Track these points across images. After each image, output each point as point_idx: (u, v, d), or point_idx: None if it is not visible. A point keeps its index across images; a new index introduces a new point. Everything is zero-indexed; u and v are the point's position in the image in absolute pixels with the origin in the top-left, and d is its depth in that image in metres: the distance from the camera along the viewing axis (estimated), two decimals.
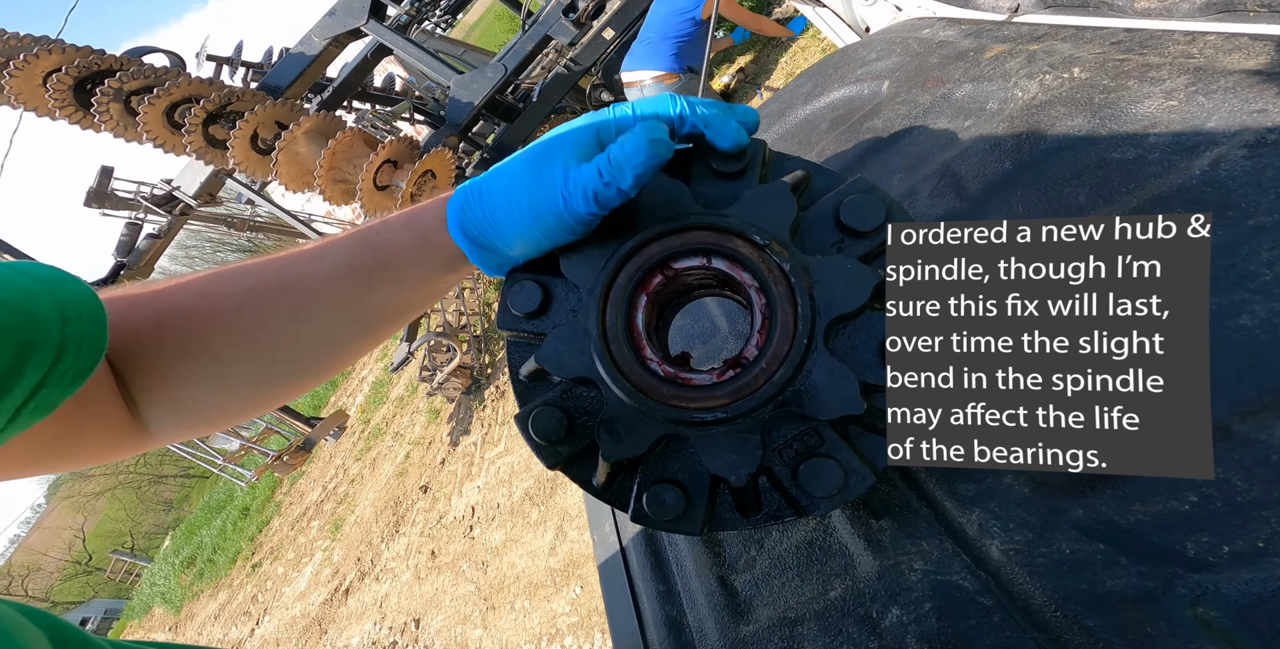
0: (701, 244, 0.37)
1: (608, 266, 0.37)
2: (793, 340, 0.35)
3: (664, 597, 0.45)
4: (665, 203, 0.38)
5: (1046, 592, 0.31)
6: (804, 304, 0.35)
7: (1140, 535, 0.32)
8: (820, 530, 0.39)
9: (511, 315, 0.39)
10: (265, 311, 0.40)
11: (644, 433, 0.35)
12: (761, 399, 0.34)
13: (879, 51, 0.68)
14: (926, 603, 0.32)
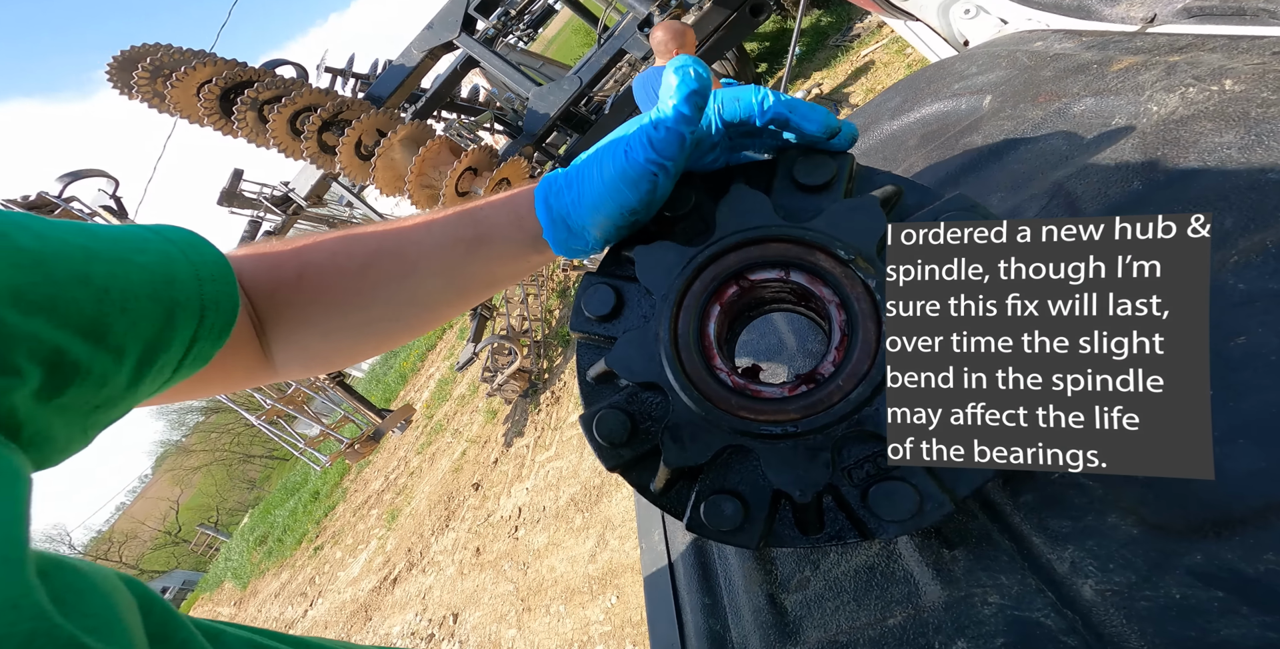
0: (782, 257, 0.36)
1: (683, 274, 0.36)
2: (874, 359, 0.33)
3: (709, 610, 0.43)
4: (744, 213, 0.37)
5: (1145, 636, 0.28)
6: (878, 327, 0.33)
7: (1270, 585, 0.29)
8: (883, 555, 0.37)
9: (584, 317, 0.39)
10: (382, 272, 0.44)
11: (708, 442, 0.34)
12: (836, 416, 0.32)
13: (980, 65, 0.64)
14: (999, 638, 0.29)
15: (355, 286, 0.44)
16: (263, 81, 2.69)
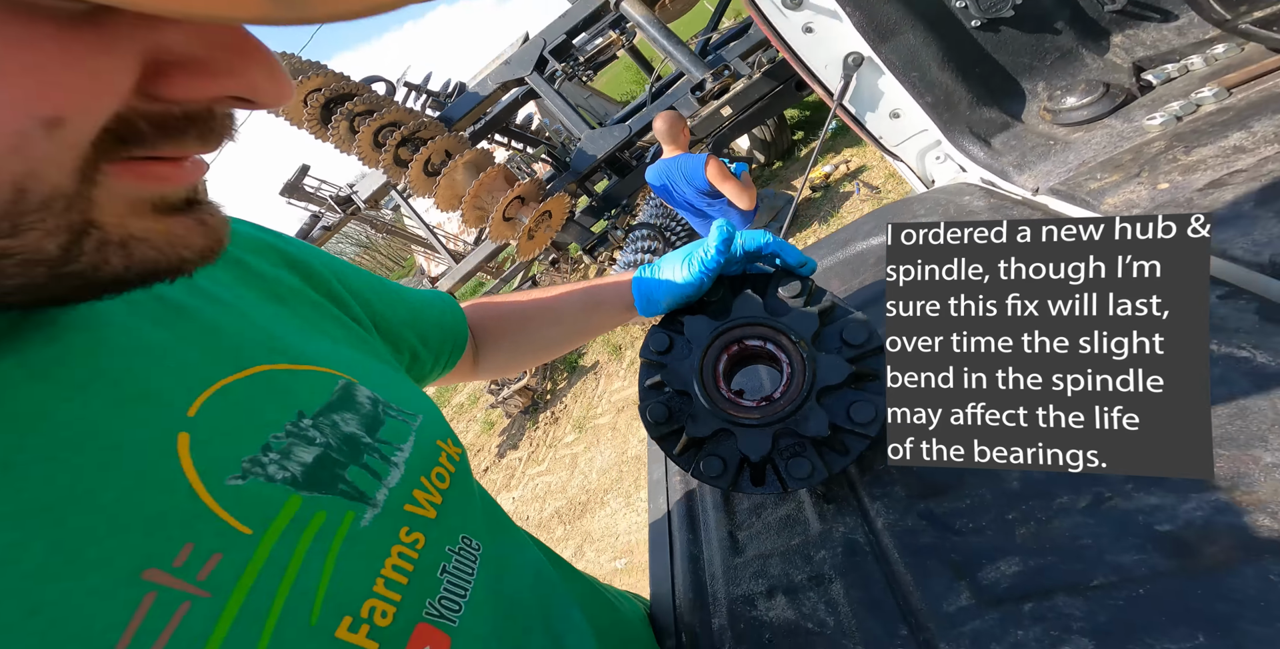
0: (762, 335, 0.65)
1: (710, 335, 0.64)
2: (801, 393, 0.61)
3: (690, 540, 0.71)
4: (747, 307, 0.65)
5: (894, 541, 0.54)
6: (809, 377, 0.61)
7: (946, 521, 0.51)
8: (794, 508, 0.64)
9: (649, 350, 0.67)
10: (542, 321, 0.74)
11: (710, 424, 0.61)
12: (776, 418, 0.59)
13: (927, 208, 0.91)
14: (839, 547, 0.56)
15: (526, 328, 0.74)
16: (361, 96, 3.05)
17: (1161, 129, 0.74)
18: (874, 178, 4.38)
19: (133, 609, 0.27)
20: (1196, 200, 0.62)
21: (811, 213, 4.54)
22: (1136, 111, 0.80)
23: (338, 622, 0.33)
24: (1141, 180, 0.69)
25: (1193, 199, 0.63)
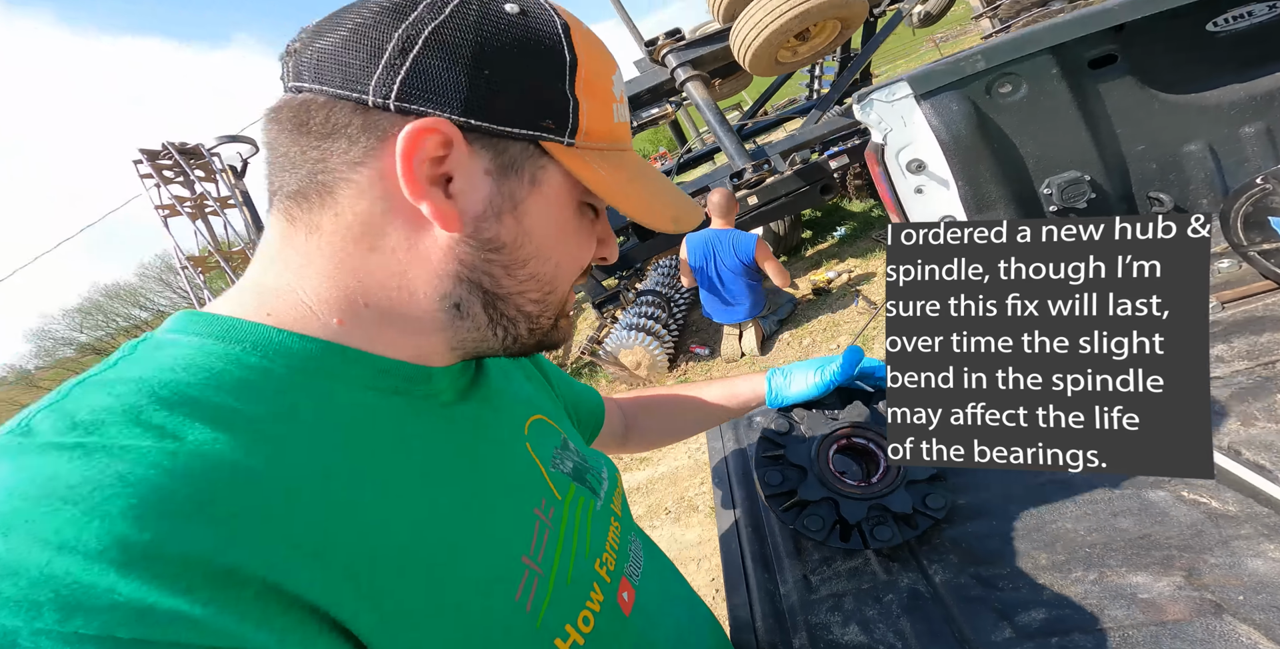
0: (869, 437, 0.88)
1: (830, 429, 0.87)
2: (895, 481, 0.83)
3: (767, 579, 0.90)
4: (854, 414, 0.89)
5: (951, 595, 0.75)
6: (902, 472, 0.83)
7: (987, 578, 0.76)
8: (861, 562, 0.85)
9: (773, 431, 0.90)
10: (688, 407, 0.95)
11: (819, 492, 0.83)
12: (873, 496, 0.81)
13: None
14: (904, 593, 0.77)
15: (674, 414, 0.96)
16: None
17: None
18: (874, 292, 4.68)
19: (532, 526, 0.49)
20: None
21: (810, 314, 4.86)
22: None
23: (598, 557, 0.54)
24: None
25: None
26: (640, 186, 0.49)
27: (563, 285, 0.50)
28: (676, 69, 4.70)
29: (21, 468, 0.30)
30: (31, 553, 0.27)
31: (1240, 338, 0.92)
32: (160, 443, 0.32)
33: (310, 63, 0.40)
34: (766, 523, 1.01)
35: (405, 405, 0.46)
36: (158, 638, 0.28)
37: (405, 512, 0.40)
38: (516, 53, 0.41)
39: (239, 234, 5.27)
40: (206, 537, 0.31)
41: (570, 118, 0.44)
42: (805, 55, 4.69)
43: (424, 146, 0.40)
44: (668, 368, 4.87)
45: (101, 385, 0.36)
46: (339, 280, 0.43)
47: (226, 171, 5.10)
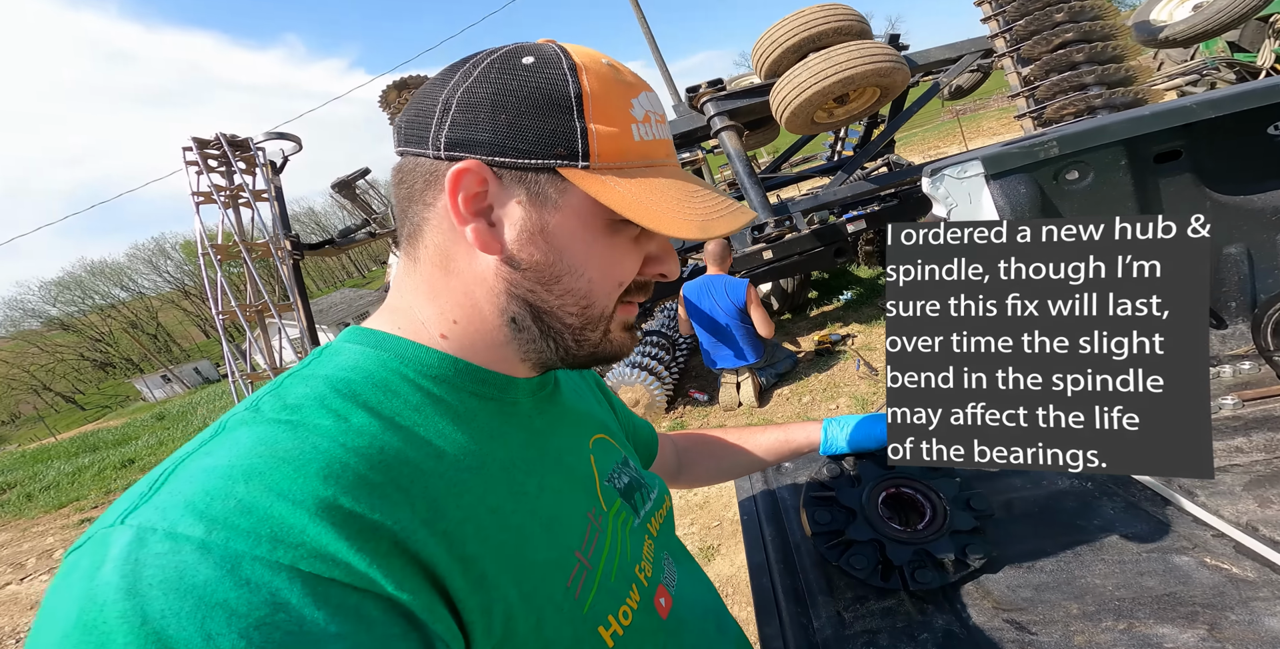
0: (918, 488, 0.95)
1: (880, 477, 0.95)
2: (940, 530, 0.91)
3: (799, 612, 0.96)
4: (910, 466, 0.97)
5: (984, 636, 0.82)
6: (947, 521, 0.90)
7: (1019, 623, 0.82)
8: (895, 602, 0.91)
9: (821, 477, 0.97)
10: (743, 449, 1.02)
11: (867, 534, 0.90)
12: (919, 541, 0.88)
13: None
14: (939, 633, 0.82)
15: (729, 455, 1.03)
16: None
17: None
18: (875, 359, 4.81)
19: (584, 527, 0.56)
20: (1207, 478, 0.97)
21: (811, 372, 4.95)
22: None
23: (637, 563, 0.61)
24: None
25: None
26: (664, 197, 0.52)
27: (601, 299, 0.56)
28: (714, 117, 4.90)
29: (256, 435, 0.42)
30: (262, 496, 0.38)
31: (1259, 433, 1.02)
32: (336, 423, 0.45)
33: (401, 131, 0.54)
34: (798, 560, 1.07)
35: (496, 409, 0.56)
36: (323, 573, 0.37)
37: (491, 495, 0.49)
38: (526, 98, 0.50)
39: (264, 227, 5.42)
40: (363, 497, 0.41)
41: (581, 144, 0.51)
42: (840, 117, 4.91)
43: (465, 184, 0.50)
44: (665, 409, 4.93)
45: (303, 379, 0.50)
46: (434, 301, 0.55)
47: (266, 166, 5.29)
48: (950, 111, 31.76)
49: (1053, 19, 4.14)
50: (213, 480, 0.38)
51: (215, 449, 0.42)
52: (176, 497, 0.38)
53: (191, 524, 0.36)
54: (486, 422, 0.54)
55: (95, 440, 16.10)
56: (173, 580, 0.34)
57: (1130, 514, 0.91)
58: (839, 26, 4.50)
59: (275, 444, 0.42)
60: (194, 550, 0.35)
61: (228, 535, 0.36)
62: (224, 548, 0.35)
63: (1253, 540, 0.82)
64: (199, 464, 0.40)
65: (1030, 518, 0.98)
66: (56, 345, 34.00)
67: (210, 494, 0.37)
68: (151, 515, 0.37)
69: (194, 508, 0.37)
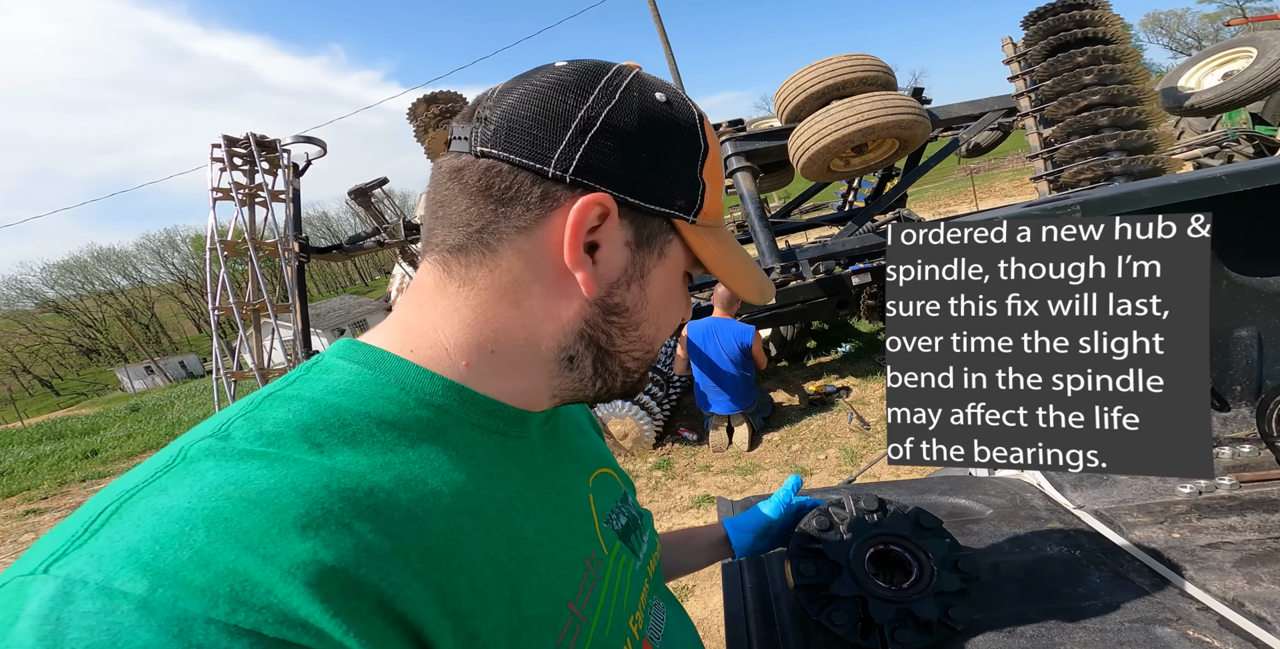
0: (907, 547, 0.94)
1: (869, 534, 0.94)
2: (926, 590, 0.89)
3: None
4: (900, 525, 0.96)
5: None
6: (934, 582, 0.89)
7: None
8: None
9: (813, 526, 0.97)
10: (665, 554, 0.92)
11: (851, 589, 0.89)
12: (903, 600, 0.87)
13: (996, 491, 1.27)
14: None
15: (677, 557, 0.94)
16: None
17: (1188, 497, 1.11)
18: (868, 414, 4.80)
19: (581, 573, 0.52)
20: (1199, 553, 0.96)
21: (804, 422, 4.93)
22: (1170, 477, 1.18)
23: (631, 614, 0.58)
24: (1163, 527, 1.04)
25: (1195, 551, 0.97)
26: (737, 259, 0.56)
27: (659, 344, 0.56)
28: (731, 157, 4.97)
29: (224, 471, 0.36)
30: (226, 548, 0.32)
31: (1254, 514, 1.02)
32: (320, 459, 0.39)
33: (501, 132, 0.46)
34: (777, 612, 1.05)
35: (498, 443, 0.50)
36: (291, 639, 0.32)
37: (489, 541, 0.44)
38: (667, 139, 0.48)
39: (276, 227, 5.51)
40: (348, 551, 0.35)
41: (699, 199, 0.51)
42: (856, 167, 4.99)
43: (589, 217, 0.46)
44: (653, 445, 4.89)
45: (284, 401, 0.43)
46: (478, 329, 0.49)
47: (289, 168, 5.42)
48: (964, 169, 32.29)
49: (1080, 80, 4.20)
50: (165, 525, 0.33)
51: (171, 485, 0.35)
52: (117, 543, 0.32)
53: (133, 578, 0.30)
54: (486, 458, 0.49)
55: (62, 428, 15.82)
56: (102, 645, 0.29)
57: (1116, 584, 0.90)
58: (864, 76, 4.60)
59: (247, 484, 0.36)
60: (133, 610, 0.30)
61: (177, 593, 0.30)
62: (171, 608, 0.30)
63: (1237, 615, 0.81)
64: (150, 503, 0.34)
65: (1016, 582, 0.97)
66: (46, 328, 33.84)
67: (160, 542, 0.32)
68: (83, 565, 0.31)
69: (137, 558, 0.31)
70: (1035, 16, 4.45)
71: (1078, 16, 4.25)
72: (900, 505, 1.00)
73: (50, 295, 35.17)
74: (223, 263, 5.40)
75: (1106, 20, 4.23)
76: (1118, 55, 4.19)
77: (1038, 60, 4.43)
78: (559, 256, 0.47)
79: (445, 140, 0.52)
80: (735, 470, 4.36)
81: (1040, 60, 4.40)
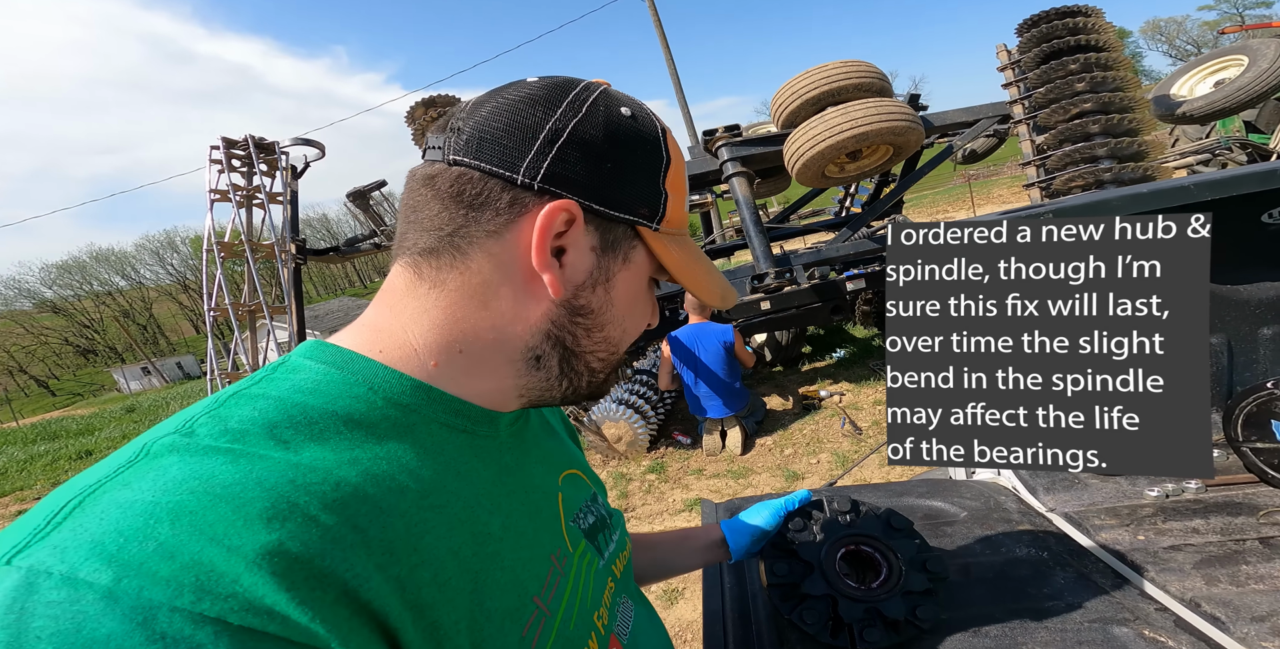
0: (877, 547, 0.96)
1: (842, 534, 0.96)
2: (894, 589, 0.91)
3: None
4: (870, 526, 0.98)
5: None
6: (901, 581, 0.91)
7: None
8: None
9: (790, 529, 0.99)
10: (640, 545, 0.93)
11: (822, 588, 0.91)
12: (872, 599, 0.89)
13: (971, 494, 1.30)
14: None
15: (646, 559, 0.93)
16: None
17: (1154, 500, 1.14)
18: (861, 419, 4.82)
19: (547, 569, 0.54)
20: (1161, 554, 0.99)
21: (796, 426, 4.95)
22: (1141, 480, 1.21)
23: (595, 610, 0.60)
24: (1129, 529, 1.07)
25: (1158, 552, 1.00)
26: (700, 266, 0.59)
27: (624, 347, 0.59)
28: (727, 162, 5.00)
29: (188, 466, 0.37)
30: (191, 540, 0.33)
31: (1217, 517, 1.04)
32: (286, 454, 0.40)
33: (473, 142, 0.49)
34: (754, 612, 1.08)
35: (467, 442, 0.52)
36: (257, 627, 0.32)
37: (453, 536, 0.46)
38: (631, 150, 0.51)
39: (274, 229, 5.54)
40: (313, 542, 0.36)
41: (661, 207, 0.54)
42: (851, 173, 5.01)
43: (555, 223, 0.49)
44: (647, 448, 4.91)
45: (249, 399, 0.44)
46: (447, 330, 0.51)
47: (287, 170, 5.46)
48: (962, 175, 32.34)
49: (1073, 88, 4.24)
50: (129, 518, 0.33)
51: (135, 479, 0.36)
52: (81, 535, 0.33)
53: (97, 569, 0.31)
54: (454, 455, 0.50)
55: (57, 428, 15.83)
56: (67, 634, 0.29)
57: (1080, 585, 0.93)
58: (859, 83, 4.63)
59: (211, 478, 0.36)
60: (98, 600, 0.30)
61: (141, 583, 0.31)
62: (135, 597, 0.30)
63: (1194, 615, 0.84)
64: (113, 497, 0.35)
65: (985, 583, 0.99)
66: (44, 328, 33.82)
67: (124, 535, 0.32)
68: (46, 556, 0.31)
69: (101, 550, 0.32)
70: (1029, 24, 4.49)
71: (1070, 24, 4.29)
72: (874, 507, 1.02)
73: (48, 295, 35.17)
74: (219, 264, 5.44)
75: (1099, 28, 4.26)
76: (1110, 63, 4.23)
77: (1031, 67, 4.46)
78: (527, 259, 0.49)
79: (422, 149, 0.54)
80: (728, 474, 4.38)
81: (1034, 67, 4.44)
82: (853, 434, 4.59)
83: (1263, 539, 0.97)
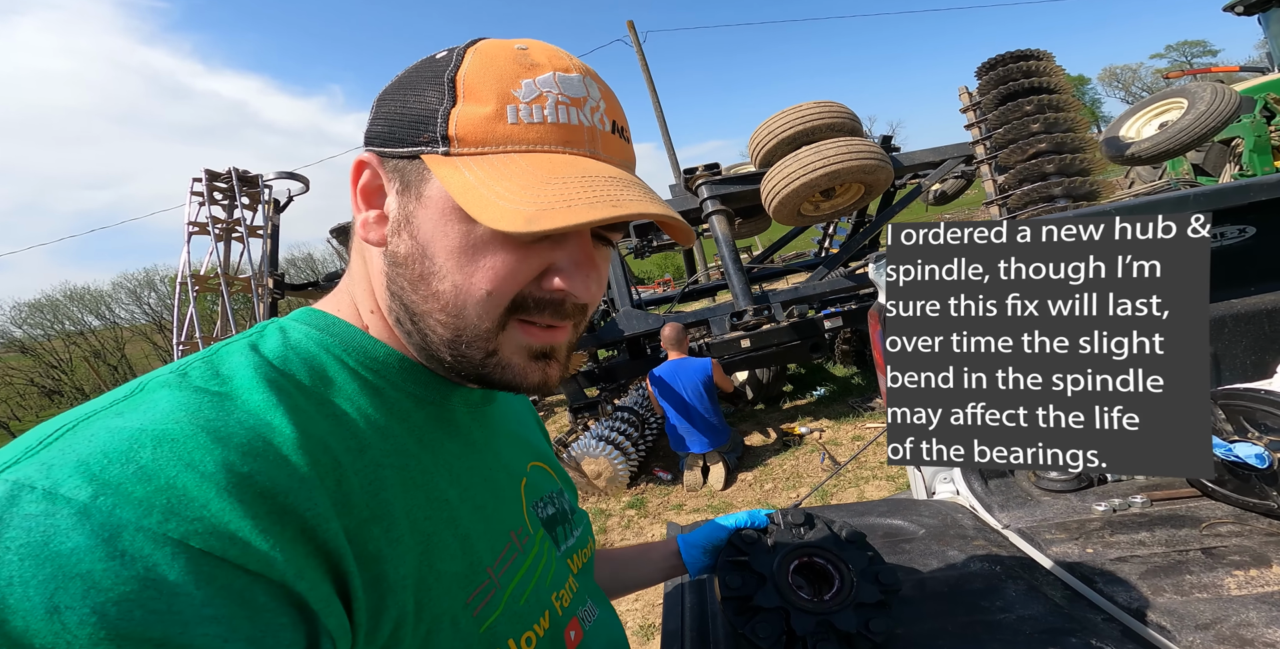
0: (829, 559, 0.97)
1: (794, 546, 0.98)
2: (845, 601, 0.92)
3: None
4: (823, 536, 1.00)
5: None
6: (853, 593, 0.92)
7: None
8: None
9: (740, 539, 1.00)
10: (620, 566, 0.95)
11: (774, 601, 0.92)
12: (824, 612, 0.89)
13: (930, 512, 1.32)
14: None
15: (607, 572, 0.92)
16: None
17: (1102, 514, 1.17)
18: (840, 454, 4.82)
19: (504, 544, 0.56)
20: (1108, 567, 1.01)
21: (776, 462, 4.94)
22: (1089, 495, 1.24)
23: (556, 591, 0.62)
24: (1079, 543, 1.09)
25: (1104, 565, 1.02)
26: (511, 182, 0.45)
27: (472, 310, 0.49)
28: (706, 200, 5.11)
29: (178, 399, 0.40)
30: (169, 464, 0.36)
31: (1163, 529, 1.07)
32: (266, 399, 0.43)
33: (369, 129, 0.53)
34: (712, 630, 1.08)
35: (435, 414, 0.56)
36: (214, 550, 0.34)
37: (408, 497, 0.48)
38: (409, 86, 0.50)
39: (252, 263, 5.52)
40: (281, 479, 0.39)
41: (440, 127, 0.47)
42: (825, 211, 5.14)
43: (361, 176, 0.52)
44: (627, 485, 4.87)
45: (239, 351, 0.48)
46: (358, 287, 0.56)
47: (269, 203, 5.47)
48: (940, 218, 32.98)
49: (1029, 128, 4.40)
50: (116, 442, 0.36)
51: (128, 410, 0.39)
52: (68, 454, 0.35)
53: (78, 486, 0.33)
54: (420, 424, 0.53)
55: None
56: (35, 545, 0.31)
57: (1030, 597, 0.95)
58: (832, 123, 4.79)
59: (197, 412, 0.39)
60: (71, 515, 0.32)
61: (115, 502, 0.33)
62: (107, 515, 0.33)
63: (1140, 625, 0.86)
64: (105, 423, 0.38)
65: (940, 597, 1.01)
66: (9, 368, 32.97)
67: (109, 456, 0.35)
68: (32, 472, 0.34)
69: (85, 469, 0.34)
70: (988, 67, 4.69)
71: (1025, 67, 4.50)
72: (828, 519, 1.04)
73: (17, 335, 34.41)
74: (192, 299, 5.40)
75: (1051, 71, 4.47)
76: (1061, 104, 4.42)
77: (990, 108, 4.64)
78: None
79: None
80: (708, 509, 4.35)
81: (993, 108, 4.62)
82: (830, 468, 4.58)
83: (1205, 550, 1.00)
